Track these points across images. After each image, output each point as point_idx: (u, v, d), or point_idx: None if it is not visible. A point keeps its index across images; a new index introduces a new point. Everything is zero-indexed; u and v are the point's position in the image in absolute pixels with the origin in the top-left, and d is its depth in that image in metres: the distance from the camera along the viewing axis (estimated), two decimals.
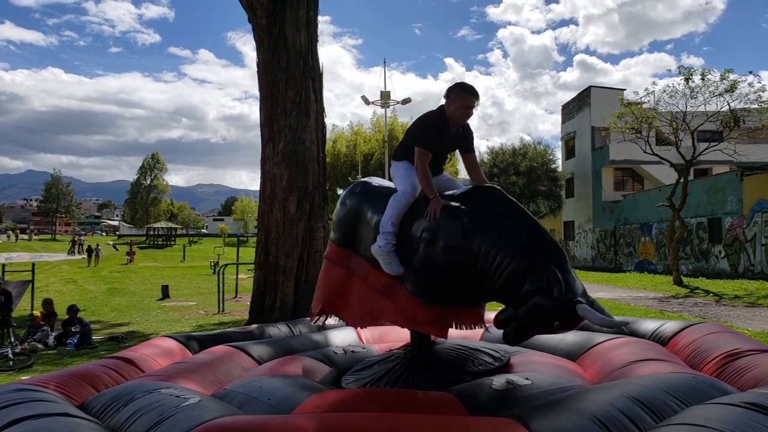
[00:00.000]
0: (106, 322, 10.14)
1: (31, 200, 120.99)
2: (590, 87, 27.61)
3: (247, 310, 9.18)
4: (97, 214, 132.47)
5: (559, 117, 31.64)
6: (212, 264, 25.40)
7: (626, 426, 2.01)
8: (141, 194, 70.81)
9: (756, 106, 14.77)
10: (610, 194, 26.55)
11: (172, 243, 52.61)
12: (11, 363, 6.37)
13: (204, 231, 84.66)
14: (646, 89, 16.50)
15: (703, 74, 14.76)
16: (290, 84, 8.44)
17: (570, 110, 29.97)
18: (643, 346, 3.33)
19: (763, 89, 14.43)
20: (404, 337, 3.83)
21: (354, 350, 4.02)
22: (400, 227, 3.08)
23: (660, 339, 3.69)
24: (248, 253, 23.35)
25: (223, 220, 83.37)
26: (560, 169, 29.50)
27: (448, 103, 3.14)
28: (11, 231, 59.06)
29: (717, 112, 15.11)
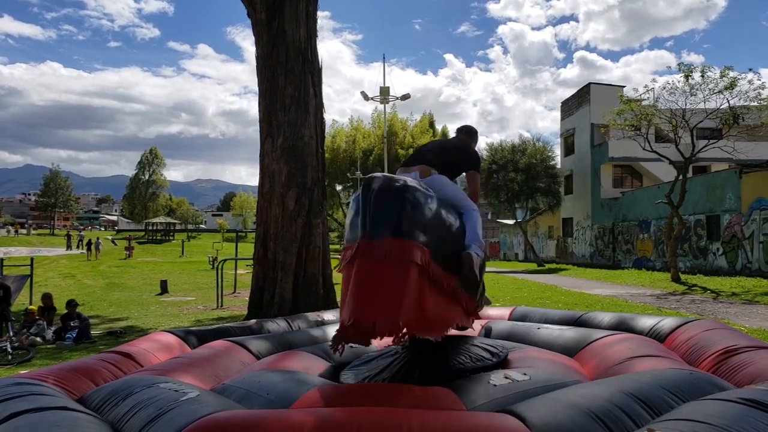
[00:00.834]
0: (105, 317, 10.15)
1: (30, 195, 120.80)
2: (590, 84, 27.58)
3: (246, 306, 9.19)
4: (96, 209, 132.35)
5: (559, 114, 31.62)
6: (211, 259, 25.38)
7: (623, 421, 2.01)
8: (140, 189, 70.69)
9: (755, 104, 14.77)
10: (609, 191, 26.56)
11: (171, 238, 52.64)
12: (10, 357, 6.39)
13: (203, 226, 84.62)
14: (646, 86, 16.43)
15: (703, 71, 14.75)
16: (289, 79, 8.42)
17: (569, 107, 29.94)
18: (641, 343, 3.35)
19: (763, 87, 14.43)
20: None
21: (352, 345, 4.02)
22: (448, 234, 3.09)
23: (657, 335, 3.70)
24: (247, 249, 23.30)
25: (222, 216, 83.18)
26: (559, 166, 29.44)
27: (470, 142, 4.01)
28: (10, 226, 58.95)
29: (716, 110, 15.11)
